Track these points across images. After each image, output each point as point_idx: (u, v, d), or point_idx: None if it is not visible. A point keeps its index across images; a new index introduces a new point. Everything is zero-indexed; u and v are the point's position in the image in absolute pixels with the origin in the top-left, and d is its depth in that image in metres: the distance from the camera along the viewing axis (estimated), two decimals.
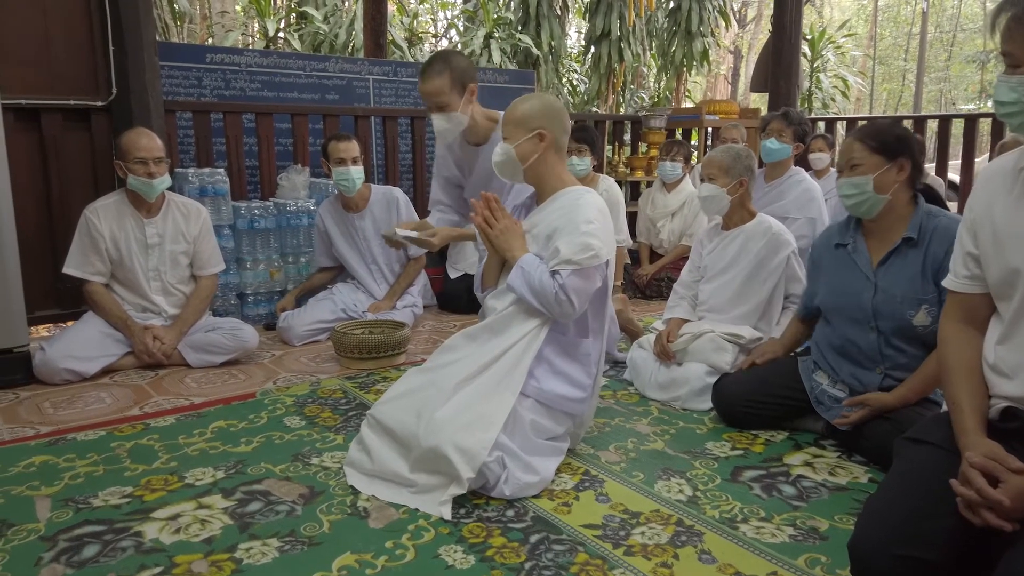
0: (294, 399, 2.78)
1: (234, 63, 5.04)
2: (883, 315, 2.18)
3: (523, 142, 2.21)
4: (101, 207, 3.17)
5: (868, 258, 2.25)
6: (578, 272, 2.08)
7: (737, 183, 2.84)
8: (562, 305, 2.08)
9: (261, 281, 3.96)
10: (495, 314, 2.22)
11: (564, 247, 2.09)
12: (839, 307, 2.30)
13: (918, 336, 2.14)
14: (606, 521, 1.86)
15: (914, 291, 2.13)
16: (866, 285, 2.22)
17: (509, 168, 2.28)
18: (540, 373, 2.14)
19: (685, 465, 2.20)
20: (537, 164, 2.23)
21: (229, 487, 2.05)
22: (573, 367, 2.19)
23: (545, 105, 2.26)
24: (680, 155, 4.59)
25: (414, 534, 1.80)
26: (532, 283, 2.10)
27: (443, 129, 2.75)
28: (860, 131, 2.25)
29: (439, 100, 2.69)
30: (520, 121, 2.23)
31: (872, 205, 2.19)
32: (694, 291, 3.01)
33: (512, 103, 2.30)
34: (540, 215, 2.25)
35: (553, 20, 13.79)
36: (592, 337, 2.24)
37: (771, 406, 2.43)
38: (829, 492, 2.03)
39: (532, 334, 2.15)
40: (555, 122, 2.23)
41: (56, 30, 3.56)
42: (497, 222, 2.20)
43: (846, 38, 19.55)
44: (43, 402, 2.78)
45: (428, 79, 2.69)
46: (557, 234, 2.14)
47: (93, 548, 1.74)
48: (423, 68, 2.72)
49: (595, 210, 2.17)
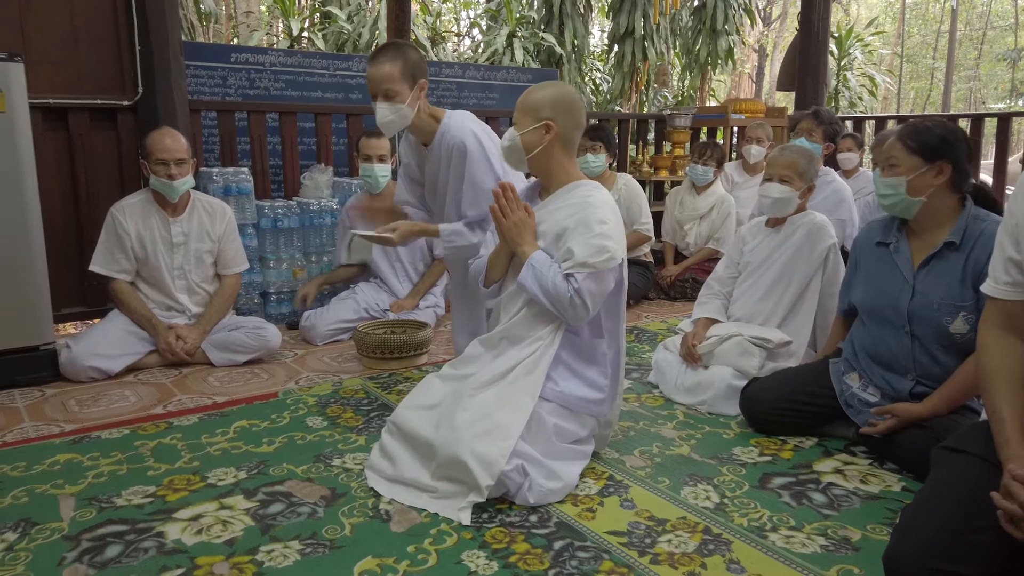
0: (316, 399, 2.77)
1: (258, 62, 5.05)
2: (919, 320, 2.12)
3: (529, 131, 2.15)
4: (127, 205, 3.19)
5: (909, 259, 2.18)
6: (593, 275, 2.03)
7: (808, 188, 2.79)
8: (576, 309, 2.04)
9: (284, 280, 3.96)
10: (508, 318, 2.19)
11: (578, 249, 2.04)
12: (875, 308, 2.24)
13: (955, 344, 2.07)
14: (631, 528, 1.83)
15: (952, 297, 2.06)
16: (904, 288, 2.16)
17: (514, 156, 2.22)
18: (559, 376, 2.11)
19: (712, 471, 2.16)
20: (541, 156, 2.17)
21: (251, 488, 2.04)
22: (589, 369, 2.16)
23: (560, 96, 2.18)
24: (713, 159, 4.53)
25: (436, 538, 1.78)
26: (545, 284, 2.05)
27: (387, 120, 2.55)
28: (903, 130, 2.18)
29: (387, 87, 2.51)
30: (530, 109, 2.17)
31: (907, 207, 2.14)
32: (728, 288, 2.96)
33: (529, 88, 2.23)
34: (547, 211, 2.19)
35: (576, 19, 13.73)
36: (608, 337, 2.20)
37: (801, 413, 2.38)
38: (861, 501, 1.97)
39: (548, 339, 2.12)
40: (567, 115, 2.16)
41: (83, 30, 3.59)
42: (512, 213, 2.15)
43: (874, 36, 19.28)
44: (68, 400, 2.80)
45: (380, 63, 2.53)
46: (569, 235, 2.09)
47: (116, 548, 1.74)
48: (374, 52, 2.58)
49: (608, 209, 2.12)
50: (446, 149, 2.62)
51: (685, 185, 4.78)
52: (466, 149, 2.58)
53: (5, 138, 2.81)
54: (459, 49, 18.38)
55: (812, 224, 2.81)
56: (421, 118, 2.62)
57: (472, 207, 2.63)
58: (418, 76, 2.57)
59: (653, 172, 5.82)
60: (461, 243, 2.66)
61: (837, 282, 2.78)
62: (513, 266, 2.22)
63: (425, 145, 2.73)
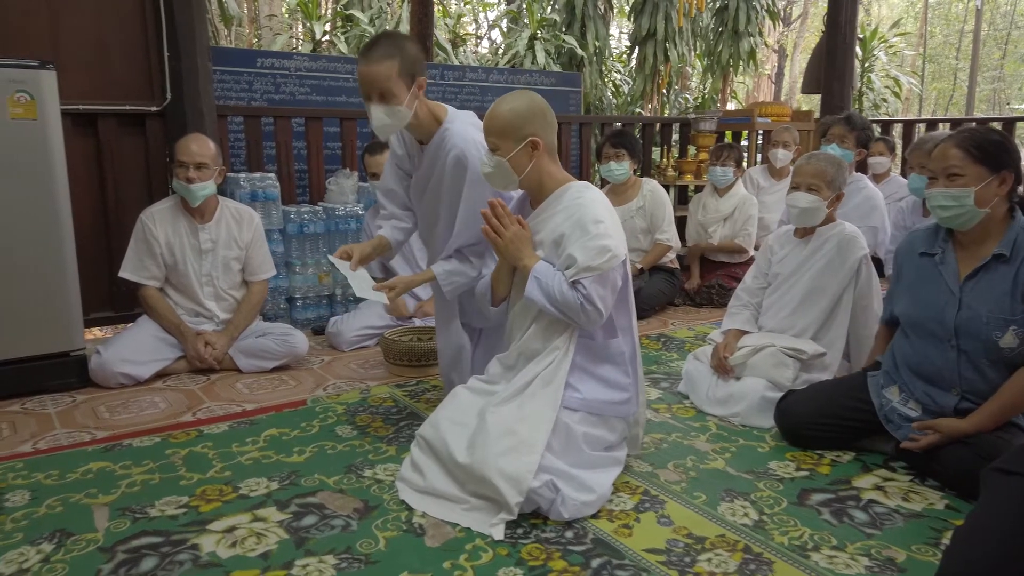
0: (345, 407, 2.76)
1: (284, 67, 5.06)
2: (966, 334, 2.06)
3: (517, 153, 2.09)
4: (157, 212, 3.20)
5: (956, 271, 2.13)
6: (599, 278, 2.00)
7: (836, 196, 2.74)
8: (589, 314, 2.01)
9: (310, 285, 3.96)
10: (521, 334, 2.17)
11: (580, 254, 2.00)
12: (919, 321, 2.18)
13: (1003, 359, 2.02)
14: (670, 546, 1.79)
15: (1002, 311, 2.01)
16: (950, 300, 2.10)
17: (501, 180, 2.16)
18: (578, 383, 2.08)
19: (748, 486, 2.12)
20: (533, 171, 2.13)
21: (283, 499, 2.03)
22: (608, 370, 2.12)
23: (533, 106, 2.11)
24: (731, 159, 4.48)
25: (472, 554, 1.76)
26: (552, 295, 2.02)
27: (383, 124, 2.33)
28: (960, 137, 2.08)
29: (383, 87, 2.26)
30: (508, 131, 2.09)
31: (971, 219, 2.06)
32: (758, 298, 2.92)
33: (492, 108, 2.13)
34: (540, 219, 2.16)
35: (598, 21, 13.68)
36: (622, 335, 2.16)
37: (838, 427, 2.33)
38: (904, 519, 1.93)
39: (564, 347, 2.09)
40: (545, 123, 2.13)
41: (112, 36, 3.61)
42: (506, 230, 2.11)
43: (898, 37, 19.06)
44: (99, 406, 2.81)
45: (373, 61, 2.27)
46: (567, 240, 2.05)
47: (151, 561, 1.73)
48: (366, 47, 2.32)
49: (601, 207, 2.09)
50: (444, 155, 2.41)
51: (707, 188, 4.74)
52: (467, 164, 2.36)
53: (37, 144, 2.83)
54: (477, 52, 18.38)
55: (842, 235, 2.76)
56: (420, 116, 2.39)
57: (467, 228, 2.43)
58: (417, 74, 2.33)
59: (678, 176, 5.77)
60: (462, 281, 2.49)
61: (870, 294, 2.74)
62: (517, 281, 2.20)
63: (421, 143, 2.51)
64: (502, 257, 2.17)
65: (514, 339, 2.21)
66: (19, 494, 2.07)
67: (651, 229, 4.28)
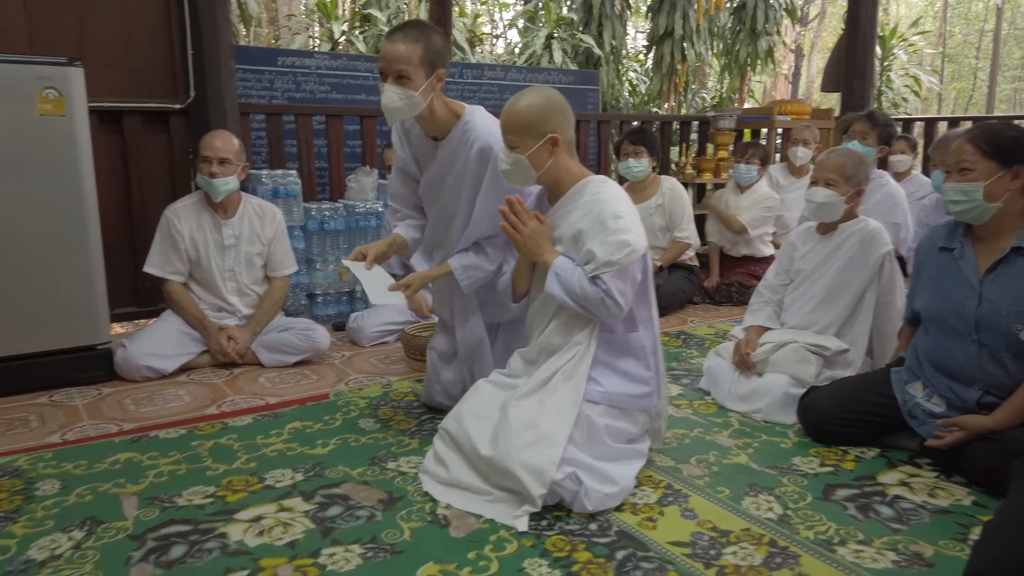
0: (367, 401, 2.78)
1: (304, 66, 5.10)
2: (987, 328, 2.05)
3: (536, 149, 2.09)
4: (181, 208, 3.23)
5: (975, 265, 2.12)
6: (619, 272, 2.00)
7: (855, 192, 2.72)
8: (610, 309, 2.02)
9: (330, 282, 3.99)
10: (540, 330, 2.17)
11: (599, 249, 2.01)
12: (939, 316, 2.17)
13: None
14: (695, 539, 1.79)
15: (1022, 304, 2.00)
16: (970, 294, 2.09)
17: (519, 177, 2.16)
18: (600, 376, 2.08)
19: (772, 481, 2.11)
20: (552, 168, 2.13)
21: (309, 490, 2.05)
22: (629, 363, 2.12)
23: (552, 102, 2.11)
24: (756, 157, 4.47)
25: (496, 545, 1.76)
26: (572, 289, 2.02)
27: (393, 107, 2.26)
28: (973, 133, 2.11)
29: (402, 68, 2.23)
30: (528, 127, 2.08)
31: (981, 213, 2.07)
32: (780, 295, 2.91)
33: (509, 103, 2.12)
34: (559, 215, 2.16)
35: (615, 20, 13.66)
36: (642, 328, 2.16)
37: (862, 423, 2.32)
38: (930, 515, 1.92)
39: (585, 342, 2.09)
40: (564, 119, 2.13)
41: (137, 34, 3.65)
42: (524, 226, 2.11)
43: (918, 36, 18.90)
44: (125, 399, 2.84)
45: (398, 41, 2.24)
46: (585, 235, 2.05)
47: (180, 548, 1.75)
48: (394, 29, 2.30)
49: (620, 202, 2.09)
50: (467, 147, 2.38)
51: (729, 186, 4.73)
52: (491, 155, 2.34)
53: (66, 141, 2.86)
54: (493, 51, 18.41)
55: (865, 231, 2.75)
56: (435, 110, 2.35)
57: (485, 219, 2.41)
58: (438, 65, 2.30)
59: (696, 174, 5.76)
60: (479, 275, 2.47)
61: (893, 290, 2.72)
62: (537, 277, 2.20)
63: (435, 139, 2.46)
64: (522, 253, 2.18)
65: (534, 334, 2.22)
66: (49, 483, 2.10)
67: (670, 227, 4.27)
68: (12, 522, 1.88)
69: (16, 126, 2.76)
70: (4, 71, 2.73)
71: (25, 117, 2.77)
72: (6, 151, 2.76)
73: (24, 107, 2.77)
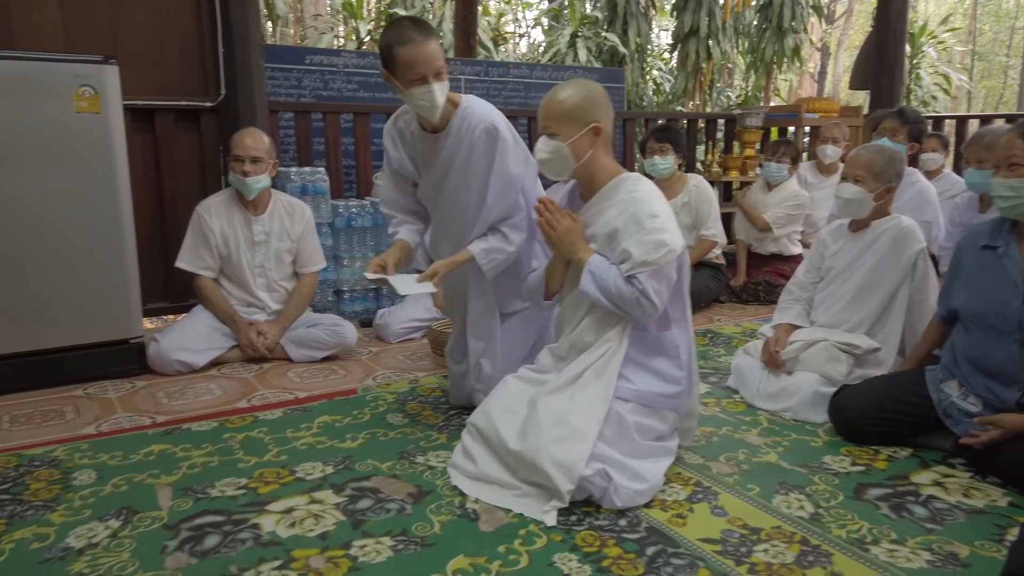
0: (395, 396, 2.79)
1: (332, 64, 5.14)
2: None
3: (578, 138, 2.08)
4: (212, 204, 3.27)
5: (1021, 264, 2.08)
6: (655, 272, 1.99)
7: (885, 188, 2.69)
8: (645, 309, 2.00)
9: (357, 279, 4.01)
10: (572, 328, 2.16)
11: (635, 249, 1.99)
12: (980, 315, 2.14)
13: None
14: (725, 536, 1.79)
15: None
16: (1014, 293, 2.06)
17: (557, 167, 2.14)
18: (631, 374, 2.07)
19: (803, 480, 2.10)
20: (590, 159, 2.12)
21: (339, 482, 2.07)
22: (662, 362, 2.11)
23: (594, 93, 2.11)
24: (787, 156, 4.43)
25: (526, 539, 1.77)
26: (607, 288, 2.01)
27: (439, 104, 2.26)
28: (1023, 128, 2.07)
29: (441, 64, 2.24)
30: (571, 115, 2.07)
31: None
32: (810, 293, 2.88)
33: (552, 93, 2.12)
34: (592, 212, 2.15)
35: (640, 18, 13.61)
36: (676, 327, 2.14)
37: (895, 422, 2.29)
38: (965, 515, 1.89)
39: (617, 339, 2.08)
40: (607, 111, 2.12)
41: (169, 33, 3.70)
42: (559, 223, 2.10)
43: (948, 33, 18.61)
44: (157, 392, 2.88)
45: (431, 37, 2.24)
46: (621, 235, 2.04)
47: (214, 538, 1.77)
48: (416, 28, 2.25)
49: (656, 200, 2.07)
50: (469, 132, 2.34)
51: (758, 184, 4.69)
52: (498, 134, 2.32)
53: (101, 137, 2.91)
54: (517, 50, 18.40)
55: (898, 229, 2.71)
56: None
57: (500, 200, 2.38)
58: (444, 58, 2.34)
59: (723, 172, 5.72)
60: (501, 258, 2.41)
61: (926, 288, 2.68)
62: (570, 274, 2.19)
63: (435, 132, 2.41)
64: (556, 251, 2.17)
65: (565, 330, 2.21)
66: (86, 473, 2.14)
67: (696, 225, 4.25)
68: (51, 510, 1.91)
69: (53, 123, 2.81)
70: (41, 69, 2.78)
71: (62, 114, 2.82)
72: (43, 148, 2.81)
73: (61, 105, 2.82)
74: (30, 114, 2.77)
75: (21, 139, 2.77)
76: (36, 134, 2.79)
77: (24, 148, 2.78)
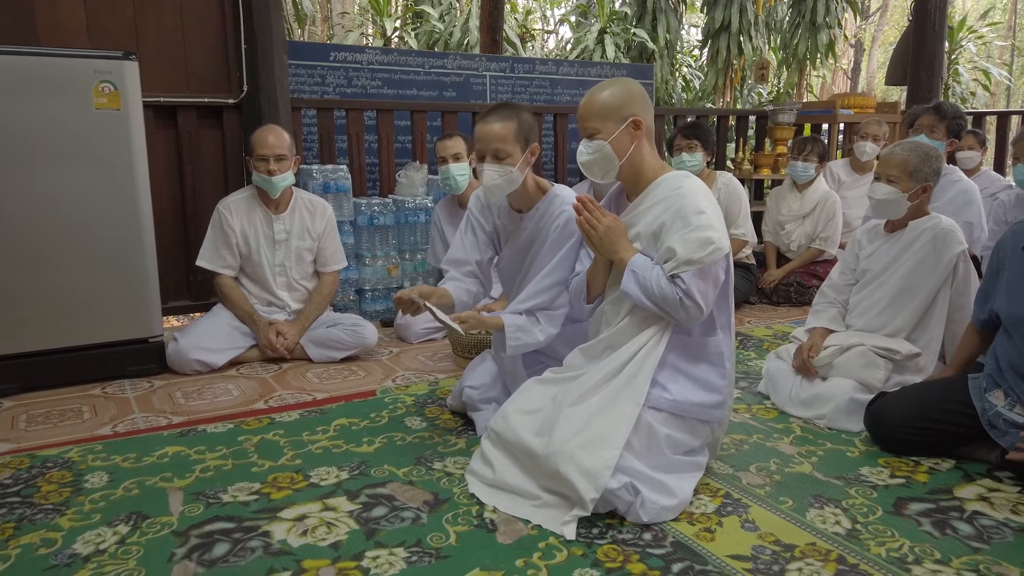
0: (414, 399, 2.73)
1: (356, 61, 5.10)
2: None
3: (619, 134, 2.00)
4: (233, 202, 3.24)
5: None
6: (701, 272, 1.89)
7: (921, 188, 2.57)
8: (688, 311, 1.91)
9: (379, 277, 3.96)
10: (610, 328, 2.07)
11: (680, 246, 1.90)
12: (1022, 318, 2.02)
13: None
14: (756, 553, 1.69)
15: None
16: None
17: (600, 166, 2.06)
18: (668, 382, 1.98)
19: (839, 493, 1.99)
20: (634, 156, 2.03)
21: (353, 489, 2.01)
22: (703, 369, 2.01)
23: (632, 88, 2.04)
24: (814, 154, 4.29)
25: (545, 553, 1.69)
26: (649, 288, 1.92)
27: (494, 185, 2.30)
28: None
29: (501, 147, 2.26)
30: (609, 111, 2.01)
31: None
32: (845, 296, 2.76)
33: (589, 94, 2.06)
34: (637, 212, 2.06)
35: (670, 13, 13.44)
36: (721, 333, 2.05)
37: (936, 432, 2.17)
38: (1014, 534, 1.78)
39: (653, 341, 1.98)
40: (646, 104, 2.05)
41: (192, 30, 3.68)
42: (599, 223, 2.01)
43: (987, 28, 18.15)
44: (175, 391, 2.85)
45: (495, 121, 2.29)
46: (666, 231, 1.94)
47: (223, 547, 1.72)
48: (488, 110, 2.35)
49: (703, 197, 1.97)
50: (552, 218, 2.35)
51: (786, 184, 4.55)
52: (574, 229, 2.27)
53: (120, 135, 2.88)
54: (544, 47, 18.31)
55: (938, 229, 2.59)
56: (527, 186, 2.37)
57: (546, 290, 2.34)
58: (532, 140, 2.34)
59: (754, 170, 5.58)
60: (528, 341, 2.32)
61: (968, 292, 2.56)
62: (612, 275, 2.10)
63: (520, 212, 2.46)
64: (597, 252, 2.08)
65: (602, 331, 2.12)
66: (98, 475, 2.10)
67: (726, 223, 4.12)
68: (60, 514, 1.88)
69: (72, 119, 2.79)
70: (61, 64, 2.76)
71: (81, 111, 2.80)
72: (62, 144, 2.79)
73: (80, 101, 2.80)
74: (49, 110, 2.75)
75: (40, 135, 2.75)
76: (55, 130, 2.77)
77: (43, 144, 2.76)
